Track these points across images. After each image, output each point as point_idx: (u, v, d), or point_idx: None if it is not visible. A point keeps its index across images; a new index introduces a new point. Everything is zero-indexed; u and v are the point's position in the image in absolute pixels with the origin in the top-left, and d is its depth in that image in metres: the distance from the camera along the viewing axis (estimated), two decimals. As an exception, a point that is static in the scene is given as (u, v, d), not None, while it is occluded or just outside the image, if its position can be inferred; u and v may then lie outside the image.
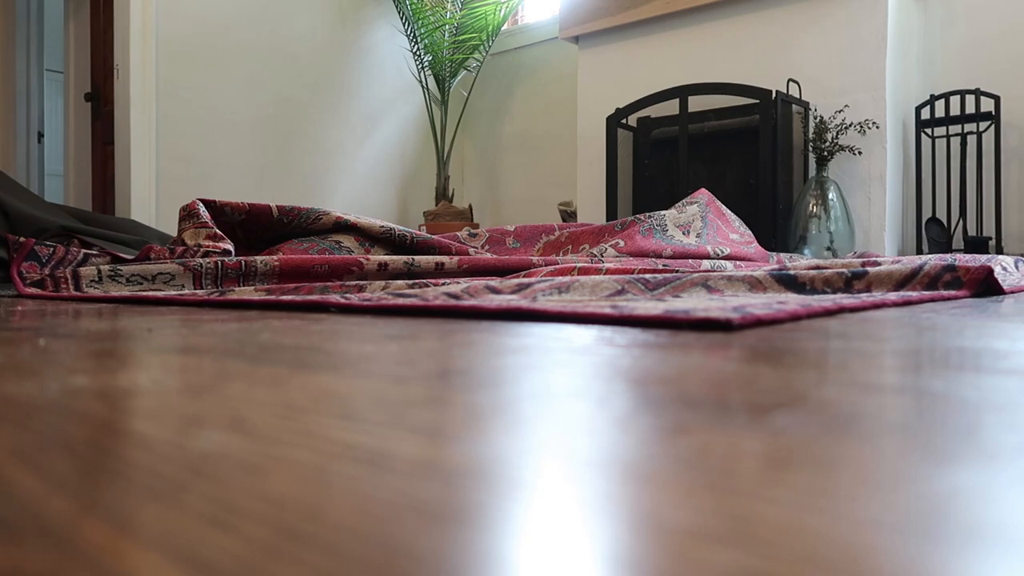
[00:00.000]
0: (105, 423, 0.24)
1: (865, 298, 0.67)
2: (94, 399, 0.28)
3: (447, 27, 3.58)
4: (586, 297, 0.73)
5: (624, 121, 2.94)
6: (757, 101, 2.56)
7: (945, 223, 2.46)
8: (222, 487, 0.17)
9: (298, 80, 3.40)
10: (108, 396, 0.29)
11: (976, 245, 2.33)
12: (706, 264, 1.37)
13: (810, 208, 2.49)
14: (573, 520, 0.15)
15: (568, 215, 3.26)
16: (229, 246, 1.28)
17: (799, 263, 1.23)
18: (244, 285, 1.09)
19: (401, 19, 3.55)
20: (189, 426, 0.23)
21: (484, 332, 0.51)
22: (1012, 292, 0.84)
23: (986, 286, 0.80)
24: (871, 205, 2.55)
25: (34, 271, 1.18)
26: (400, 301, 0.71)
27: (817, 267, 1.03)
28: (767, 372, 0.32)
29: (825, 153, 2.47)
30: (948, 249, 2.40)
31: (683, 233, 1.59)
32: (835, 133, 2.48)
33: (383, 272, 1.12)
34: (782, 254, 1.86)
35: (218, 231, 1.30)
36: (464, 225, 3.37)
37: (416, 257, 1.15)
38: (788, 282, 0.78)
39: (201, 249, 1.23)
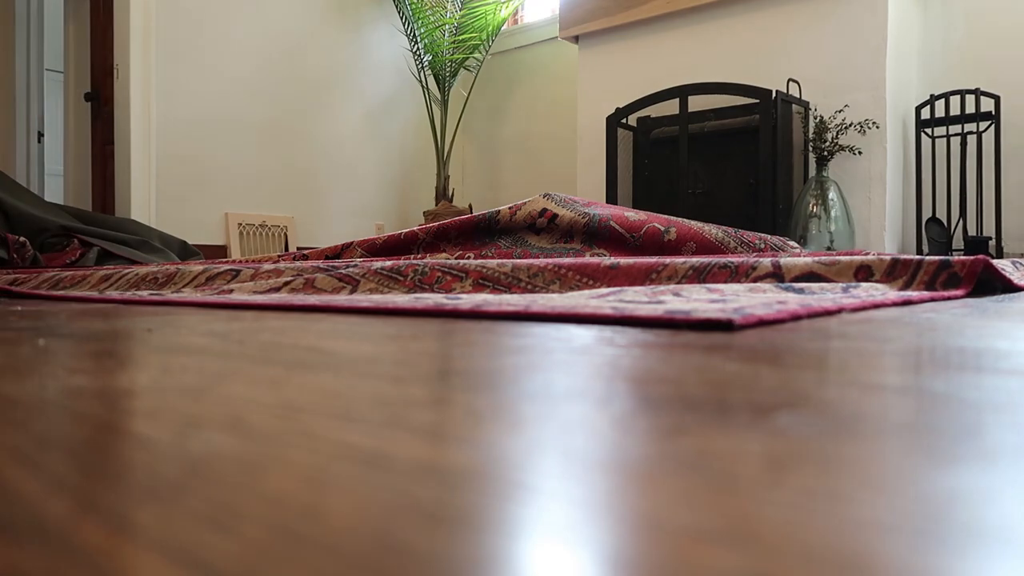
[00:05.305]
0: (104, 423, 0.24)
1: (865, 298, 0.67)
2: (94, 399, 0.28)
3: (447, 27, 3.58)
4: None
5: (624, 121, 2.94)
6: (757, 101, 2.56)
7: (945, 223, 2.46)
8: (221, 487, 0.17)
9: (298, 80, 3.40)
10: (108, 396, 0.29)
11: (976, 245, 2.33)
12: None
13: (810, 208, 2.49)
14: (573, 520, 0.15)
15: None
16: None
17: (797, 262, 1.22)
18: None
19: (401, 19, 3.55)
20: (188, 426, 0.23)
21: (484, 332, 0.51)
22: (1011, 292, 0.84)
23: (986, 278, 0.79)
24: (871, 205, 2.54)
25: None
26: (400, 302, 0.71)
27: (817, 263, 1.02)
28: (768, 372, 0.32)
29: (825, 153, 2.47)
30: (948, 249, 2.40)
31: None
32: (835, 133, 2.48)
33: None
34: (773, 237, 1.81)
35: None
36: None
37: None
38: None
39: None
